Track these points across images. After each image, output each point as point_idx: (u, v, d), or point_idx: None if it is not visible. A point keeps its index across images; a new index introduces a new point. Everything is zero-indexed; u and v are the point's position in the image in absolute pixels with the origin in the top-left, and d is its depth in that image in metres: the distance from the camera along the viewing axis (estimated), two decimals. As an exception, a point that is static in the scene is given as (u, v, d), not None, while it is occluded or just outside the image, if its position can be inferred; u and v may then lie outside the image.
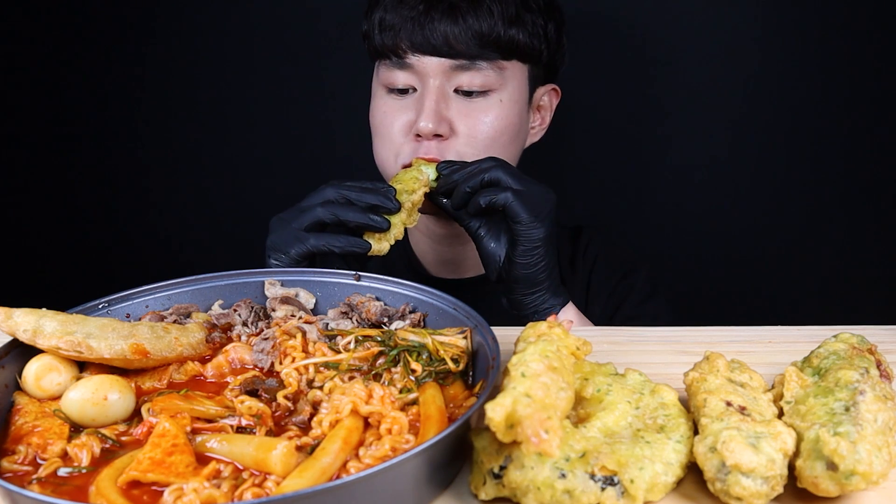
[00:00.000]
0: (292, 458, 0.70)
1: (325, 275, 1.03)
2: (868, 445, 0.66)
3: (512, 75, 1.36)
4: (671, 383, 0.81)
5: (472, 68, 1.32)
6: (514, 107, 1.37)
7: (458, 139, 1.34)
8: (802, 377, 0.80)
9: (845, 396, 0.74)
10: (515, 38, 1.33)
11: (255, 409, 0.79)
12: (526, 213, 1.14)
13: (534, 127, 1.49)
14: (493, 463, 0.70)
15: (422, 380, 0.84)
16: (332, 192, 1.15)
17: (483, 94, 1.34)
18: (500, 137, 1.36)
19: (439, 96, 1.32)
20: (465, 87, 1.33)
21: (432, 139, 1.32)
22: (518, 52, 1.35)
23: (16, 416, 0.79)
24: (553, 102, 1.51)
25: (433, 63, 1.31)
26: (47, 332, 0.82)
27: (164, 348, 0.87)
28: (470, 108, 1.34)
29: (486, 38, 1.30)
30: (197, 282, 1.02)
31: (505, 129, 1.36)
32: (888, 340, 0.97)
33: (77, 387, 0.79)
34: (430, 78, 1.32)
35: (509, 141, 1.38)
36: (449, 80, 1.33)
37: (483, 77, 1.32)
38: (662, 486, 0.70)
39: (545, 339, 0.77)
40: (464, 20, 1.29)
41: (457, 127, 1.33)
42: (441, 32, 1.29)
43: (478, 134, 1.34)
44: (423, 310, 0.97)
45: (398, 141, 1.35)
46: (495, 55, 1.32)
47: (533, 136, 1.50)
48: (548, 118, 1.52)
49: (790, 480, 0.69)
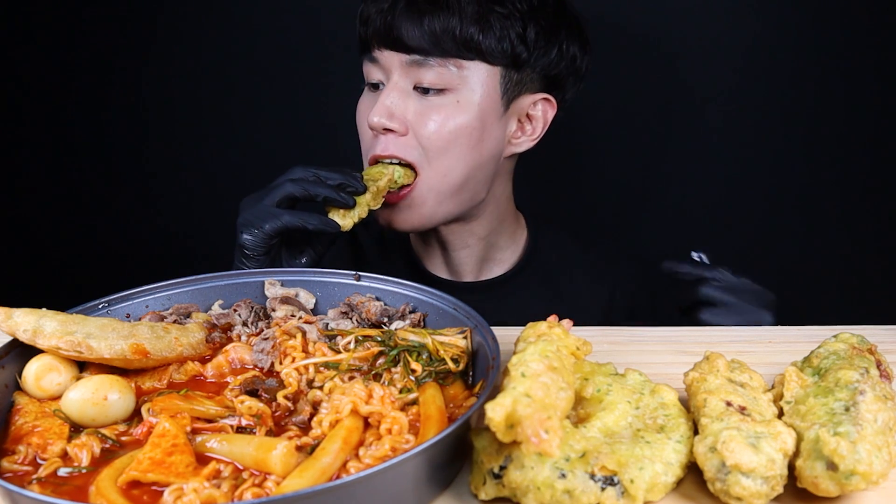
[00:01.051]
0: (292, 457, 0.70)
1: (324, 275, 1.03)
2: (868, 445, 0.66)
3: (474, 76, 1.31)
4: (671, 383, 0.81)
5: (427, 65, 1.29)
6: (472, 109, 1.31)
7: (412, 138, 1.31)
8: (802, 377, 0.80)
9: (845, 396, 0.74)
10: (474, 38, 1.27)
11: (255, 408, 0.79)
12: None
13: (518, 136, 1.40)
14: (493, 463, 0.70)
15: (422, 380, 0.84)
16: (301, 170, 1.20)
17: (439, 93, 1.30)
18: (454, 140, 1.31)
19: (397, 92, 1.31)
20: (422, 83, 1.30)
21: (386, 134, 1.32)
22: (480, 53, 1.29)
23: (16, 416, 0.79)
24: (548, 114, 1.41)
25: (393, 57, 1.31)
26: (47, 332, 0.82)
27: (164, 348, 0.87)
28: (424, 106, 1.31)
29: (440, 36, 1.27)
30: (197, 282, 1.03)
31: (459, 132, 1.31)
32: (888, 340, 0.97)
33: (77, 387, 0.79)
34: (393, 73, 1.31)
35: (468, 145, 1.32)
36: (408, 76, 1.31)
37: (437, 75, 1.29)
38: (662, 486, 0.70)
39: (545, 339, 0.77)
40: (420, 15, 1.27)
41: (411, 124, 1.31)
42: (398, 26, 1.27)
43: (428, 133, 1.30)
44: (423, 310, 0.97)
45: (367, 136, 1.36)
46: (453, 53, 1.28)
47: (517, 146, 1.41)
48: (539, 129, 1.41)
49: (790, 480, 0.69)
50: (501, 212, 1.48)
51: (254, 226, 1.16)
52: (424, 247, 1.54)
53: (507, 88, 1.34)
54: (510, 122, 1.38)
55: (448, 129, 1.30)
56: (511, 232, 1.53)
